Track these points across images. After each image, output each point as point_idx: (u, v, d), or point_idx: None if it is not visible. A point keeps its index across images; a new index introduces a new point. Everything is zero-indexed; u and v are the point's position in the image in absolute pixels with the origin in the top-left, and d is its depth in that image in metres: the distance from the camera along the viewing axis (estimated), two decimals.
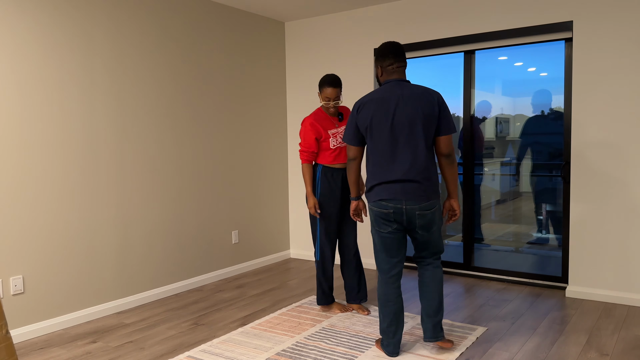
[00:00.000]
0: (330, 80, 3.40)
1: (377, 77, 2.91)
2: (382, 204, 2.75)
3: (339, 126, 3.53)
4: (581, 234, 3.89)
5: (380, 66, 2.83)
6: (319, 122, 3.49)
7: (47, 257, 3.38)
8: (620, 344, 3.04)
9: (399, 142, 2.71)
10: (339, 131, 3.52)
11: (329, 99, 3.41)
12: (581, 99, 3.84)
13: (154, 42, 3.99)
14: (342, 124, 3.55)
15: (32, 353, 3.06)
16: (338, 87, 3.42)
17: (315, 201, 3.48)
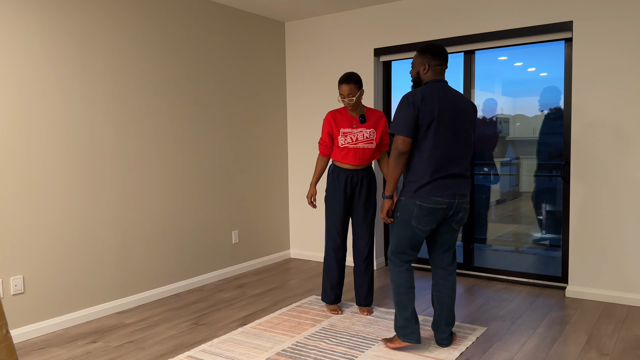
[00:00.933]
0: (344, 77, 3.38)
1: (419, 72, 2.90)
2: (436, 200, 2.79)
3: (357, 127, 3.45)
4: (581, 234, 3.89)
5: (428, 64, 2.86)
6: (335, 118, 3.48)
7: (47, 257, 3.38)
8: (620, 344, 3.05)
9: (454, 139, 2.83)
10: (354, 132, 3.43)
11: (343, 95, 3.38)
12: (581, 98, 3.84)
13: (154, 43, 3.99)
14: (362, 126, 3.44)
15: (32, 353, 3.06)
16: (351, 83, 3.35)
17: (312, 192, 3.58)
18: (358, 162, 3.45)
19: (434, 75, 2.89)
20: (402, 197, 2.88)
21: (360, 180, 3.50)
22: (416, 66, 2.91)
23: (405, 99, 2.81)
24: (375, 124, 3.46)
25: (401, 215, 2.86)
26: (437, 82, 2.86)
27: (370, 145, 3.43)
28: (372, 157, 3.50)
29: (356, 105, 3.42)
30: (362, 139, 3.42)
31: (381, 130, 3.47)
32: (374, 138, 3.43)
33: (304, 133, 5.25)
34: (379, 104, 4.88)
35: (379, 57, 4.83)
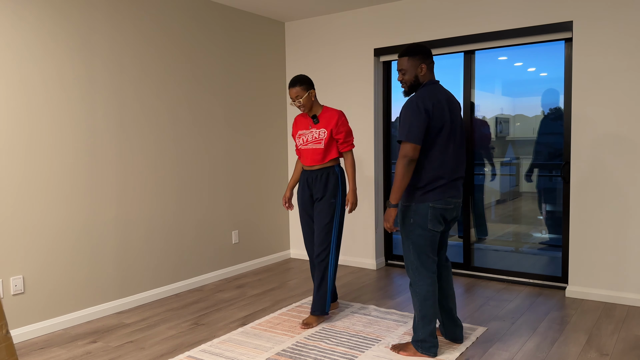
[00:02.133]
0: (290, 81, 3.33)
1: (417, 75, 2.82)
2: (448, 201, 2.80)
3: (312, 128, 3.40)
4: (581, 234, 3.89)
5: (426, 65, 2.82)
6: (297, 120, 3.51)
7: (47, 257, 3.38)
8: (620, 344, 3.05)
9: (456, 141, 2.84)
10: (306, 133, 3.41)
11: (292, 99, 3.34)
12: (581, 99, 3.84)
13: (154, 42, 3.99)
14: (315, 126, 3.39)
15: (32, 353, 3.06)
16: (297, 86, 3.29)
17: (285, 194, 3.58)
18: (309, 163, 3.40)
19: (430, 75, 2.86)
20: (410, 202, 2.80)
21: (314, 181, 3.41)
22: (410, 70, 2.81)
23: (415, 105, 2.70)
24: (326, 123, 3.37)
25: (415, 221, 2.79)
26: (435, 83, 2.85)
27: (317, 146, 3.35)
28: (327, 157, 3.38)
29: (309, 106, 3.37)
30: (311, 140, 3.38)
31: (331, 129, 3.34)
32: (323, 138, 3.34)
33: None
34: (379, 104, 4.88)
35: (379, 57, 4.83)
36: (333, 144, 3.38)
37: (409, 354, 2.90)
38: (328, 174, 3.38)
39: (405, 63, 2.82)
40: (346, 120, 3.39)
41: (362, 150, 4.88)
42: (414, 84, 2.84)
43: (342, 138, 3.38)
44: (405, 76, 2.84)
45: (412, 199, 2.80)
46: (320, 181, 3.38)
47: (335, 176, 3.38)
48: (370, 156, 4.83)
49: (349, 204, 3.39)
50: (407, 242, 2.84)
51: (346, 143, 3.39)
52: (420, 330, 2.86)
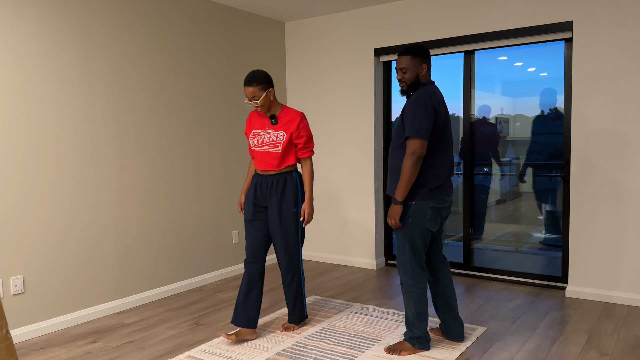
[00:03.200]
0: (245, 79, 3.03)
1: (418, 75, 2.82)
2: (444, 200, 2.84)
3: (269, 129, 3.13)
4: (581, 234, 3.89)
5: (427, 65, 2.83)
6: (252, 118, 3.23)
7: (47, 257, 3.38)
8: (620, 344, 3.05)
9: (451, 141, 2.89)
10: (262, 133, 3.14)
11: (248, 99, 3.05)
12: (581, 99, 3.84)
13: (154, 42, 3.99)
14: (273, 128, 3.12)
15: (32, 353, 3.06)
16: (253, 85, 2.99)
17: (240, 199, 3.36)
18: (264, 167, 3.12)
19: (429, 76, 2.88)
20: (410, 200, 2.79)
21: (269, 188, 3.13)
22: (412, 69, 2.81)
23: (422, 102, 2.70)
24: (286, 125, 3.10)
25: (413, 219, 2.80)
26: (433, 83, 2.88)
27: (274, 149, 3.09)
28: (284, 163, 3.11)
29: (268, 106, 3.08)
30: (268, 142, 3.11)
31: (291, 133, 3.09)
32: (281, 141, 3.07)
33: None
34: (379, 104, 4.88)
35: (379, 57, 4.83)
36: (292, 149, 3.12)
37: (409, 352, 2.91)
38: (285, 181, 3.13)
39: (407, 61, 2.81)
40: (308, 124, 3.16)
41: (362, 150, 4.88)
42: (414, 84, 2.84)
43: (302, 143, 3.12)
44: (406, 75, 2.83)
45: (413, 197, 2.80)
46: (276, 189, 3.11)
47: (293, 183, 3.13)
48: (370, 156, 4.83)
49: (303, 216, 3.12)
50: (404, 241, 2.84)
51: (306, 149, 3.14)
52: (416, 328, 2.89)
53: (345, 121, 4.96)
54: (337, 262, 5.11)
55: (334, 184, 5.08)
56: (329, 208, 5.13)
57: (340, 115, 4.99)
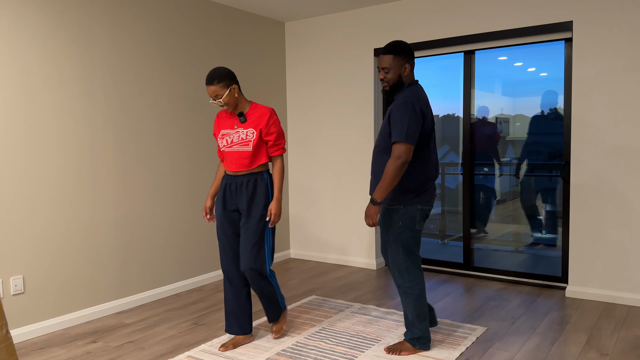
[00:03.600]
0: (206, 78, 2.85)
1: (400, 75, 2.75)
2: (430, 202, 2.87)
3: (237, 128, 2.95)
4: (581, 234, 3.89)
5: (410, 65, 2.77)
6: (220, 118, 3.05)
7: (47, 257, 3.38)
8: (620, 344, 3.05)
9: (435, 143, 2.91)
10: (231, 133, 2.96)
11: (211, 98, 2.86)
12: (581, 99, 3.84)
13: (154, 42, 3.99)
14: (242, 126, 2.94)
15: (32, 353, 3.06)
16: (214, 83, 2.82)
17: (206, 203, 3.10)
18: (235, 168, 2.94)
19: (412, 76, 2.81)
20: (399, 205, 2.80)
21: (238, 188, 2.96)
22: (395, 68, 2.73)
23: (410, 105, 2.65)
24: (255, 122, 2.93)
25: (403, 223, 2.81)
26: (417, 83, 2.81)
27: (244, 148, 2.91)
28: (255, 162, 2.94)
29: (234, 104, 2.91)
30: (237, 141, 2.93)
31: (260, 129, 2.91)
32: (252, 139, 2.90)
33: (303, 133, 5.25)
34: (379, 104, 4.88)
35: None
36: (262, 147, 2.95)
37: (410, 352, 2.91)
38: (256, 182, 2.95)
39: (389, 61, 2.73)
40: (278, 120, 2.99)
41: (362, 150, 4.88)
42: (397, 84, 2.77)
43: (273, 140, 2.95)
44: (389, 75, 2.75)
45: (401, 201, 2.79)
46: (246, 190, 2.94)
47: (264, 184, 2.96)
48: (371, 156, 4.83)
49: (270, 215, 2.91)
50: (396, 245, 2.83)
51: (277, 146, 2.98)
52: (416, 328, 2.89)
53: (346, 121, 4.96)
54: (337, 262, 5.11)
55: (334, 183, 5.08)
56: (329, 208, 5.13)
57: (340, 115, 4.99)
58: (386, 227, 2.87)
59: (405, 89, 2.77)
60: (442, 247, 4.83)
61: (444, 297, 3.97)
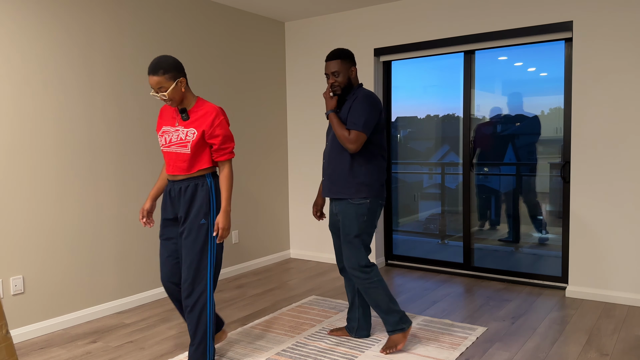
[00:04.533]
0: (150, 67, 2.49)
1: (349, 78, 2.91)
2: (385, 197, 2.98)
3: (178, 125, 2.60)
4: (581, 234, 3.89)
5: (355, 68, 2.93)
6: (163, 112, 2.71)
7: (47, 257, 3.38)
8: (620, 344, 3.05)
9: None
10: (170, 131, 2.61)
11: (154, 90, 2.52)
12: (581, 99, 3.84)
13: (154, 42, 3.99)
14: (183, 124, 2.59)
15: (32, 353, 3.06)
16: (159, 74, 2.47)
17: (145, 205, 2.74)
18: (172, 171, 2.61)
19: (358, 79, 3.01)
20: (365, 199, 2.87)
21: (179, 195, 2.61)
22: (344, 72, 2.88)
23: (375, 99, 2.84)
24: (198, 121, 2.58)
25: (368, 217, 2.89)
26: (362, 85, 2.98)
27: (182, 150, 2.56)
28: (195, 166, 2.59)
29: (179, 99, 2.55)
30: (176, 141, 2.58)
31: (203, 131, 2.56)
32: (191, 140, 2.55)
33: (303, 133, 5.25)
34: None
35: (379, 57, 4.83)
36: (205, 150, 2.60)
37: (403, 340, 2.93)
38: (196, 187, 2.60)
39: (338, 65, 2.87)
40: (225, 122, 2.62)
41: None
42: (347, 86, 2.91)
43: (218, 144, 2.58)
44: (339, 78, 2.89)
45: (368, 194, 2.87)
46: (184, 196, 2.59)
47: (205, 190, 2.60)
48: None
49: (217, 230, 2.58)
50: (358, 240, 2.88)
51: (223, 151, 2.60)
52: (394, 311, 2.90)
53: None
54: None
55: None
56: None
57: None
58: (349, 222, 2.88)
59: (361, 88, 2.92)
60: (442, 247, 4.83)
61: (444, 297, 3.97)
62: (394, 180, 5.04)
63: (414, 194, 5.01)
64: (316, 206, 3.19)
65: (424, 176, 4.95)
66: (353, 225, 2.87)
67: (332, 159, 2.92)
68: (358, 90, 2.91)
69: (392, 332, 2.94)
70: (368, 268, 2.88)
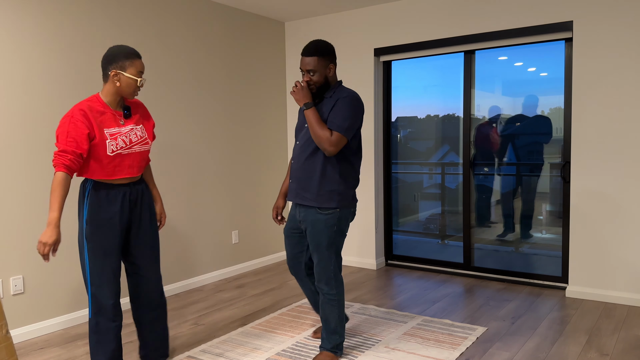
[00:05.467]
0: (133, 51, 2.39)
1: (326, 76, 2.64)
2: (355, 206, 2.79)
3: (125, 124, 2.44)
4: (581, 234, 3.89)
5: (334, 65, 2.66)
6: (93, 116, 2.34)
7: None
8: (620, 344, 3.05)
9: None
10: (123, 131, 2.42)
11: (141, 72, 2.42)
12: (581, 99, 3.84)
13: (154, 42, 3.99)
14: (129, 122, 2.46)
15: (32, 353, 3.06)
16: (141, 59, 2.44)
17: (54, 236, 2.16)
18: (137, 173, 2.49)
19: (336, 75, 2.75)
20: (336, 207, 2.65)
21: (140, 197, 2.53)
22: (320, 70, 2.60)
23: (361, 103, 2.62)
24: (143, 118, 2.54)
25: (338, 227, 2.67)
26: (341, 83, 2.73)
27: (146, 147, 2.52)
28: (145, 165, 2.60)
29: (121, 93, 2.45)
30: (137, 140, 2.48)
31: (149, 129, 2.57)
32: (147, 137, 2.54)
33: None
34: (379, 103, 4.88)
35: (379, 57, 4.83)
36: None
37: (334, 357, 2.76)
38: (144, 185, 2.58)
39: (314, 63, 2.58)
40: None
41: (363, 150, 4.88)
42: (323, 85, 2.65)
43: (152, 139, 2.61)
44: (314, 77, 2.61)
45: (340, 203, 2.65)
46: (144, 197, 2.54)
47: (146, 186, 2.60)
48: (371, 156, 4.83)
49: (162, 219, 2.73)
50: (330, 250, 2.67)
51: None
52: (338, 334, 2.75)
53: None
54: None
55: None
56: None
57: None
58: (318, 232, 2.65)
59: (342, 87, 2.68)
60: (442, 247, 4.83)
61: (444, 297, 3.97)
62: (394, 180, 5.04)
63: (414, 194, 5.01)
64: (277, 209, 2.92)
65: (424, 176, 4.95)
66: (322, 236, 2.65)
67: (304, 161, 2.68)
68: (340, 88, 2.66)
69: (324, 348, 2.78)
70: (336, 283, 2.70)
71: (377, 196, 4.90)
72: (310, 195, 2.65)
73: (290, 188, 2.76)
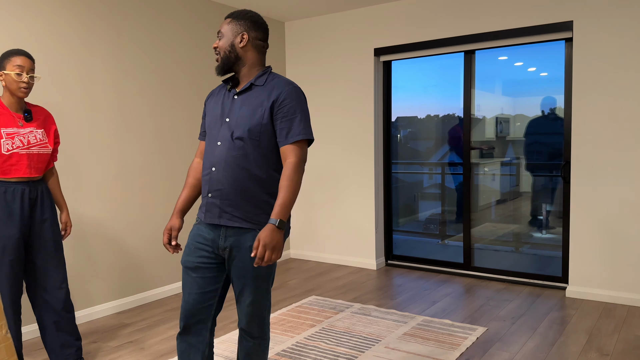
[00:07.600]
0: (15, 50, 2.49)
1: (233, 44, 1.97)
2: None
3: (26, 127, 2.53)
4: (581, 234, 3.89)
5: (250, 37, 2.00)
6: None
7: None
8: (620, 344, 3.05)
9: None
10: (22, 132, 2.50)
11: (22, 67, 2.46)
12: (581, 99, 3.84)
13: (154, 42, 3.99)
14: (30, 124, 2.55)
15: (32, 353, 3.06)
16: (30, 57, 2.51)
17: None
18: (35, 173, 2.55)
19: (260, 56, 2.02)
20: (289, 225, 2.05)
21: (40, 197, 2.58)
22: (228, 34, 1.98)
23: (303, 95, 1.98)
24: (45, 123, 2.63)
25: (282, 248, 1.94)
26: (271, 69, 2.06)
27: (45, 150, 2.58)
28: (46, 168, 2.68)
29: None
30: (36, 142, 2.55)
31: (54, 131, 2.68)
32: (48, 141, 2.62)
33: None
34: (379, 103, 4.88)
35: (379, 57, 4.83)
36: None
37: None
38: (45, 186, 2.64)
39: (225, 25, 2.02)
40: None
41: (362, 150, 4.88)
42: (229, 56, 1.97)
43: (57, 149, 2.74)
44: (220, 42, 1.99)
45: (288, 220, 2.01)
46: (46, 195, 2.62)
47: (47, 187, 2.66)
48: (370, 156, 4.83)
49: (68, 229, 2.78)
50: (268, 282, 2.00)
51: (56, 153, 2.75)
52: None
53: (345, 121, 4.96)
54: (337, 262, 5.11)
55: (334, 183, 5.08)
56: (329, 208, 5.13)
57: (340, 115, 4.99)
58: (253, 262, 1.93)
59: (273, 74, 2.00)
60: (442, 247, 4.83)
61: (444, 297, 3.97)
62: (394, 180, 5.04)
63: (414, 194, 5.01)
64: (172, 231, 2.08)
65: (424, 176, 4.95)
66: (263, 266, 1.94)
67: (233, 168, 1.91)
68: (273, 76, 1.99)
69: None
70: (268, 325, 2.08)
71: (377, 196, 4.90)
72: (243, 213, 1.93)
73: (207, 206, 1.98)
